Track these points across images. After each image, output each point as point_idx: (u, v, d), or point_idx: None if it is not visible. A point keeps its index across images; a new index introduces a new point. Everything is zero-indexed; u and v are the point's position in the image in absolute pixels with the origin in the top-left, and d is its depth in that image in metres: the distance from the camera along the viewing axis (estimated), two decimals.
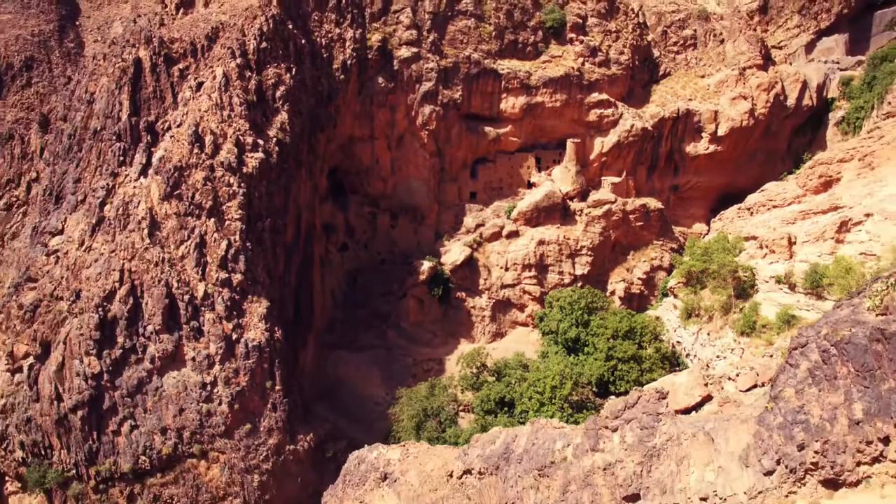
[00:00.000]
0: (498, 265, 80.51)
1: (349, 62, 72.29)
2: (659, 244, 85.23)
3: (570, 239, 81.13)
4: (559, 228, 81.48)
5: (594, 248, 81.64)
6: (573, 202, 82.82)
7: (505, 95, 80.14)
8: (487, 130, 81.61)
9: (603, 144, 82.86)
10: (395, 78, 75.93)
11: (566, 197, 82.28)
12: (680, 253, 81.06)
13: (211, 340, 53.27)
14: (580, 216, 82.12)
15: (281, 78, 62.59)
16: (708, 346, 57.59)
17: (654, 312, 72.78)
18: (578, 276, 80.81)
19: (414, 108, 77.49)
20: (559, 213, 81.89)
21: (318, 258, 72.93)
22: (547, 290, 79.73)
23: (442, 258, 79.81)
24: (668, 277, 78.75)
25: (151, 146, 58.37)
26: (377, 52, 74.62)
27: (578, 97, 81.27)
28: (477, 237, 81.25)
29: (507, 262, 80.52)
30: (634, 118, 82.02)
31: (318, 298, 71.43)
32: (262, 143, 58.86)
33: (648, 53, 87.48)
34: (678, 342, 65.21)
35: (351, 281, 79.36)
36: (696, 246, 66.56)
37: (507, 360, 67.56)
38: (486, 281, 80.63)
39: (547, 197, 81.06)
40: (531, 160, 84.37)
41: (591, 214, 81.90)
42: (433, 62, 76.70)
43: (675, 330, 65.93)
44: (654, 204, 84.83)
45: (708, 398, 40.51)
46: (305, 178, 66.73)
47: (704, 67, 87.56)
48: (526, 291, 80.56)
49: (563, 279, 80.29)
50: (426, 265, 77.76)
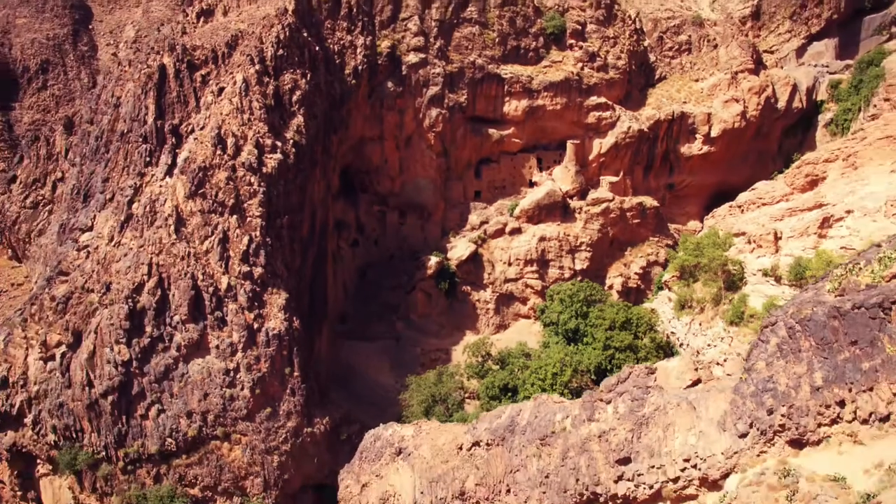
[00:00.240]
0: (501, 260, 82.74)
1: (360, 68, 74.50)
2: (655, 240, 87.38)
3: (570, 235, 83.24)
4: (560, 225, 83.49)
5: (593, 244, 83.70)
6: (573, 200, 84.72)
7: (508, 99, 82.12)
8: (491, 132, 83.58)
9: (601, 145, 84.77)
10: (403, 82, 77.92)
11: (566, 195, 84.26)
12: (675, 249, 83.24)
13: (234, 329, 55.81)
14: (580, 214, 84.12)
15: (297, 83, 64.96)
16: (700, 335, 60.08)
17: (649, 305, 75.22)
18: (578, 270, 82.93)
19: (421, 110, 79.52)
20: (560, 210, 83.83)
21: (330, 253, 75.28)
22: (548, 284, 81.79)
23: (448, 254, 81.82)
24: (663, 272, 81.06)
25: (176, 148, 60.91)
26: (386, 57, 76.70)
27: (578, 100, 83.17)
28: (481, 234, 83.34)
29: (510, 257, 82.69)
30: (631, 120, 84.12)
31: (331, 291, 73.87)
32: (279, 144, 61.35)
33: (645, 58, 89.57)
34: (672, 333, 67.69)
35: (362, 275, 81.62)
36: (688, 242, 68.93)
37: (510, 349, 70.03)
38: (490, 275, 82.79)
39: (548, 195, 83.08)
40: (533, 160, 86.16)
41: (590, 212, 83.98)
42: (440, 67, 78.82)
43: (669, 321, 68.39)
44: (650, 202, 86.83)
45: (697, 382, 42.94)
46: (319, 177, 69.12)
47: (698, 72, 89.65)
48: (528, 285, 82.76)
49: (563, 274, 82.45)
50: (433, 260, 79.89)
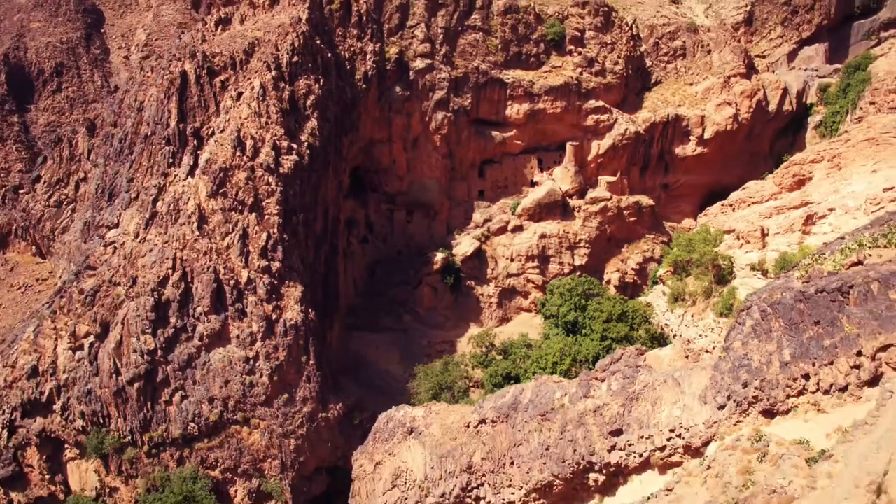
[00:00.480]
0: (504, 256, 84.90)
1: (370, 73, 76.75)
2: (651, 237, 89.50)
3: (569, 233, 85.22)
4: (559, 223, 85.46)
5: (591, 241, 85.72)
6: (572, 199, 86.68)
7: (510, 102, 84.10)
8: (494, 134, 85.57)
9: (599, 147, 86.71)
10: (410, 87, 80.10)
11: (566, 195, 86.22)
12: (670, 246, 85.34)
13: (253, 320, 58.22)
14: (578, 212, 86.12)
15: (311, 88, 67.33)
16: (692, 326, 62.47)
17: (645, 299, 77.58)
18: (577, 266, 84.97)
19: (428, 114, 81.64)
20: (559, 209, 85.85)
21: (341, 250, 77.66)
22: (548, 279, 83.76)
23: (453, 250, 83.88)
24: (658, 267, 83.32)
25: (198, 149, 63.29)
26: (395, 63, 78.97)
27: (577, 104, 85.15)
28: (485, 231, 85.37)
29: (512, 253, 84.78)
30: (628, 123, 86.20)
31: (342, 286, 76.32)
32: (295, 146, 63.75)
33: (641, 63, 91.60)
34: (666, 325, 70.05)
35: (371, 271, 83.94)
36: (681, 238, 71.24)
37: (512, 340, 72.42)
38: (493, 271, 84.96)
39: (548, 195, 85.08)
40: (534, 161, 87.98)
41: (588, 210, 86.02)
42: (445, 72, 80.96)
43: (663, 314, 70.75)
44: (646, 201, 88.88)
45: None
46: (332, 177, 71.56)
47: (692, 76, 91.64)
48: (529, 280, 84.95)
49: (563, 269, 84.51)
50: (439, 256, 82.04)
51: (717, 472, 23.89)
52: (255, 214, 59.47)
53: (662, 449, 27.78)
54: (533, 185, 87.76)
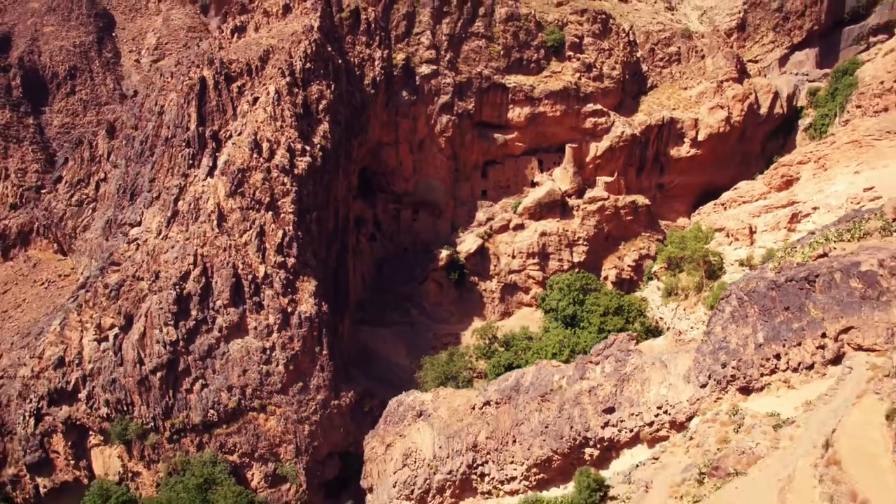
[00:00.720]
0: (506, 253, 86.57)
1: (378, 78, 78.76)
2: (646, 236, 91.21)
3: (568, 231, 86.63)
4: (559, 222, 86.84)
5: (589, 239, 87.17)
6: (571, 199, 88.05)
7: (512, 106, 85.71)
8: (496, 136, 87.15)
9: (597, 148, 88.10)
10: (416, 92, 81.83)
11: (565, 194, 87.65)
12: (664, 243, 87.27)
13: (270, 313, 60.56)
14: (577, 211, 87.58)
15: (323, 93, 69.49)
16: (684, 319, 64.72)
17: (640, 294, 79.78)
18: (576, 263, 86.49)
19: (433, 117, 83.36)
20: (559, 208, 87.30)
21: (351, 247, 79.77)
22: (548, 275, 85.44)
23: (457, 248, 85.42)
24: (652, 263, 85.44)
25: (216, 151, 65.61)
26: (401, 69, 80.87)
27: (576, 107, 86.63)
28: (487, 229, 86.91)
29: (513, 250, 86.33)
30: (625, 126, 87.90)
31: (351, 282, 78.38)
32: (308, 148, 66.00)
33: (637, 68, 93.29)
34: (660, 318, 72.25)
35: (379, 267, 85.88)
36: (674, 236, 73.39)
37: (514, 333, 74.61)
38: (495, 267, 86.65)
39: (548, 194, 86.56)
40: (534, 162, 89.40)
41: (586, 210, 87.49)
42: (449, 78, 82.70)
43: (657, 307, 72.95)
44: (642, 200, 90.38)
45: None
46: (342, 177, 73.65)
47: (687, 80, 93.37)
48: (530, 276, 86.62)
49: (562, 265, 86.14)
50: (444, 253, 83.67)
51: (698, 441, 26.32)
52: (271, 213, 61.73)
53: (651, 424, 30.13)
54: (533, 185, 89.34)
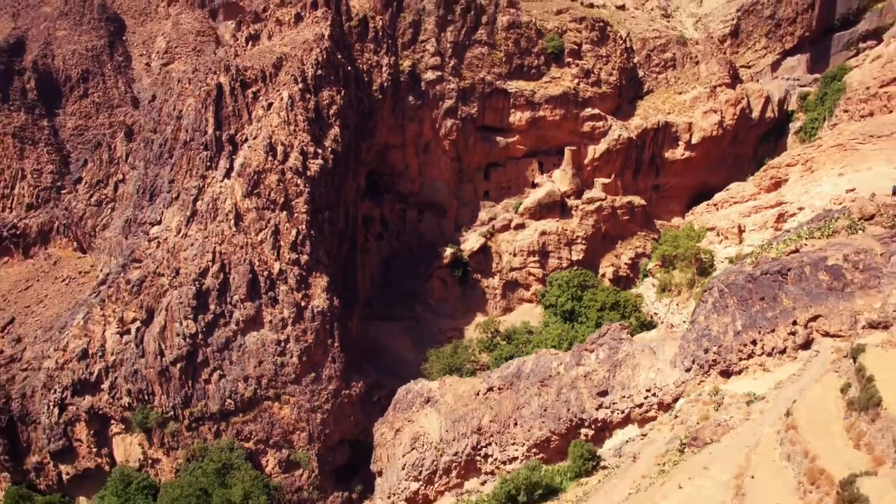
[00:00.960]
0: (507, 252, 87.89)
1: (385, 84, 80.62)
2: (642, 235, 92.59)
3: (567, 230, 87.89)
4: (558, 221, 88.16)
5: (588, 237, 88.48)
6: (570, 199, 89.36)
7: (513, 110, 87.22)
8: (498, 140, 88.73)
9: (595, 151, 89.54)
10: (422, 97, 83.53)
11: (564, 195, 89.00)
12: (659, 242, 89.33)
13: (284, 307, 62.85)
14: (576, 211, 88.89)
15: (333, 99, 71.63)
16: (677, 314, 66.94)
17: (636, 290, 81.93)
18: (574, 261, 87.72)
19: (438, 121, 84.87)
20: (558, 208, 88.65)
21: (359, 246, 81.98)
22: (548, 272, 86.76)
23: (461, 246, 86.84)
24: (648, 261, 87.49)
25: (233, 154, 67.91)
26: (408, 75, 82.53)
27: (575, 112, 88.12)
28: (490, 228, 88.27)
29: (514, 249, 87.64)
30: (622, 129, 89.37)
31: (360, 279, 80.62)
32: (320, 151, 68.22)
33: (634, 74, 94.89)
34: (655, 313, 74.43)
35: (386, 265, 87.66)
36: (668, 234, 75.52)
37: (515, 327, 76.75)
38: (497, 265, 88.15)
39: (548, 195, 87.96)
40: (535, 164, 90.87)
41: (585, 210, 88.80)
42: (454, 83, 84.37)
43: (652, 303, 75.12)
44: (638, 201, 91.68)
45: None
46: (351, 179, 75.81)
47: (681, 85, 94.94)
48: (531, 273, 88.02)
49: (561, 263, 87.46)
50: (448, 252, 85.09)
51: (682, 419, 28.66)
52: (285, 213, 64.01)
53: (641, 406, 32.48)
54: (534, 186, 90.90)
